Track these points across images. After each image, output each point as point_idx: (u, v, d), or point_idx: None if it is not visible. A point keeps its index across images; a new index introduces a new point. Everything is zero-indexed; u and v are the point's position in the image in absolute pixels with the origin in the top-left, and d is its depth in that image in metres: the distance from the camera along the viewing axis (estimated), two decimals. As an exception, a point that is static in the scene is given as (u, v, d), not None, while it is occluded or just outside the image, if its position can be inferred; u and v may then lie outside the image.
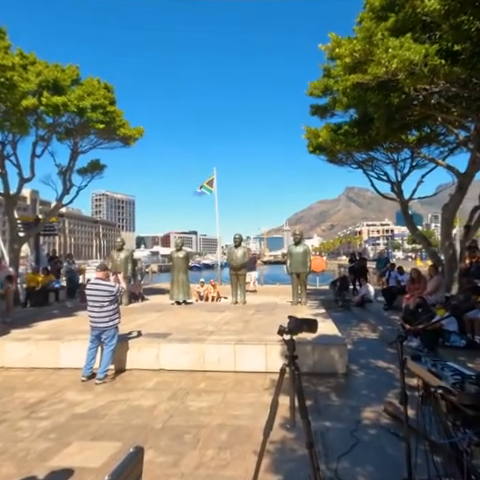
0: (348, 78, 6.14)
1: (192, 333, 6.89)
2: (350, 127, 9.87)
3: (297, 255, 10.18)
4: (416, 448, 2.47)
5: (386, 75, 5.04)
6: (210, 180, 20.51)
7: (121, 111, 11.77)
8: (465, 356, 5.77)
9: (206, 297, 13.80)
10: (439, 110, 7.93)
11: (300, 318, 2.12)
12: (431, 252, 11.37)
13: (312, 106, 10.66)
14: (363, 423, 4.05)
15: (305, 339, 6.19)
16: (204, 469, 3.15)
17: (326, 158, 12.03)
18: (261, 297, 13.31)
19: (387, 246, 73.26)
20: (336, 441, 3.66)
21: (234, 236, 10.83)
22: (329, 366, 5.79)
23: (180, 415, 4.31)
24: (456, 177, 9.89)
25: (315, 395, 4.93)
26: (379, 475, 3.03)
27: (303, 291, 10.35)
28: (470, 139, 9.63)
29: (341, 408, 4.50)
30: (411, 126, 9.46)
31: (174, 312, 9.57)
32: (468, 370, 2.17)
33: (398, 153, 11.71)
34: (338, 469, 3.13)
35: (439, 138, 11.17)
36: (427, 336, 6.40)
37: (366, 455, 3.37)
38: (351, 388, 5.22)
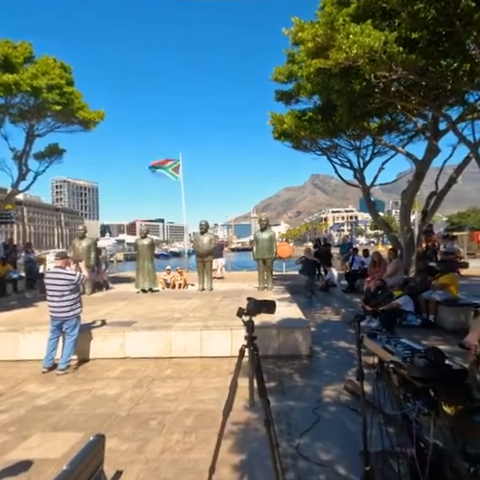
0: (311, 64, 6.16)
1: (158, 321, 6.83)
2: (314, 114, 9.96)
3: (263, 241, 10.27)
4: (371, 421, 2.59)
5: (347, 61, 5.10)
6: (176, 166, 20.14)
7: (80, 93, 11.22)
8: (420, 334, 6.10)
9: (173, 285, 13.71)
10: (399, 98, 8.15)
11: (259, 300, 2.14)
12: (391, 237, 11.81)
13: (277, 92, 10.65)
14: (325, 401, 4.20)
15: (270, 323, 6.32)
16: (169, 453, 3.17)
17: (291, 144, 12.11)
18: (228, 284, 13.37)
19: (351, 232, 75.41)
20: (299, 419, 3.77)
21: (200, 223, 10.75)
22: (293, 348, 5.93)
23: (145, 402, 4.29)
24: (414, 164, 10.27)
25: (280, 377, 5.05)
26: (338, 449, 3.16)
27: (269, 277, 10.48)
28: (427, 127, 9.99)
29: (304, 388, 4.64)
30: (373, 114, 9.67)
31: (140, 300, 9.44)
32: (418, 345, 2.28)
33: (360, 140, 11.97)
34: (300, 445, 3.24)
35: (399, 126, 11.50)
36: (386, 316, 6.69)
37: (326, 431, 3.50)
38: (314, 369, 5.38)
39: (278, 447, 2.20)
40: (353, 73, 6.30)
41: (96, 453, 2.39)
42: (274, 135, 11.39)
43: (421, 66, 5.58)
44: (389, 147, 11.18)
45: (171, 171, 20.10)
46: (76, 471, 2.01)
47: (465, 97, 9.43)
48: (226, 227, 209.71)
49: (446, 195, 10.56)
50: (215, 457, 2.19)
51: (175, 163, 20.19)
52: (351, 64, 5.23)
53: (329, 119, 9.42)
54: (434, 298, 6.47)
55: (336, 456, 3.06)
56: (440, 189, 10.50)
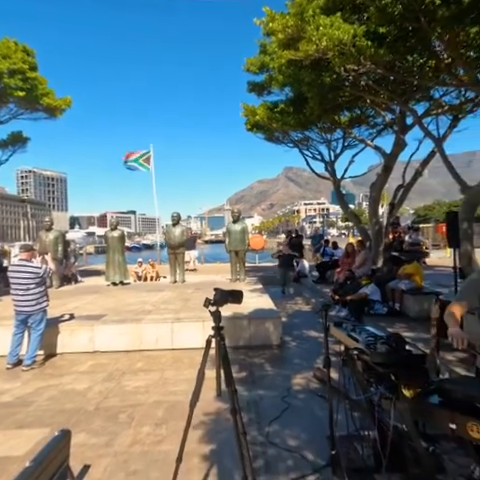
0: (282, 55, 6.16)
1: (129, 314, 6.73)
2: (286, 106, 10.00)
3: (235, 233, 10.28)
4: (338, 407, 2.68)
5: (317, 53, 5.14)
6: (147, 157, 19.77)
7: (44, 79, 10.76)
8: (386, 322, 6.31)
9: (145, 277, 13.52)
10: (368, 92, 8.30)
11: (225, 290, 2.14)
12: (360, 229, 12.12)
13: (249, 83, 10.62)
14: (294, 389, 4.29)
15: (242, 314, 6.37)
16: (139, 446, 3.15)
17: (263, 136, 12.14)
18: (201, 276, 13.33)
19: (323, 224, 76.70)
20: (269, 408, 3.84)
21: (172, 214, 10.63)
22: (264, 339, 6.00)
23: (115, 396, 4.24)
24: (382, 157, 10.53)
25: (250, 367, 5.11)
26: (306, 435, 3.24)
27: (241, 268, 10.53)
28: (395, 121, 10.25)
29: (274, 377, 4.72)
30: (343, 107, 9.82)
31: (110, 293, 9.26)
32: (382, 332, 2.36)
33: (331, 133, 12.14)
34: (269, 433, 3.30)
35: (368, 120, 11.74)
36: (354, 306, 6.88)
37: (295, 418, 3.58)
38: (284, 358, 5.48)
39: (245, 435, 2.22)
40: (323, 66, 6.35)
41: (61, 448, 2.34)
42: (247, 127, 11.37)
43: (389, 61, 5.70)
44: (359, 140, 11.40)
45: (142, 162, 19.73)
46: (40, 467, 1.96)
47: (431, 93, 9.73)
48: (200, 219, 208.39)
49: (413, 188, 10.92)
50: (182, 447, 2.20)
51: (146, 154, 19.81)
52: (321, 56, 5.27)
53: (300, 111, 9.48)
54: (400, 287, 6.71)
55: (304, 442, 3.14)
56: (407, 182, 10.84)
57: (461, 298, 2.34)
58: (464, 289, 2.41)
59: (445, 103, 9.85)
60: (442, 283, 8.61)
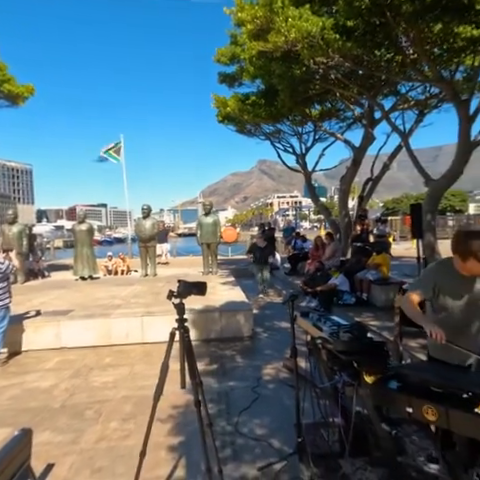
0: (252, 46, 6.11)
1: (98, 308, 6.59)
2: (257, 98, 9.99)
3: (207, 226, 10.24)
4: (304, 395, 2.72)
5: (286, 45, 5.14)
6: (117, 148, 19.28)
7: (5, 64, 10.24)
8: (354, 311, 6.47)
9: (115, 271, 13.28)
10: (338, 86, 8.40)
11: (189, 282, 2.12)
12: (331, 221, 12.34)
13: (220, 74, 10.51)
14: (264, 379, 4.33)
15: (213, 306, 6.37)
16: (105, 442, 3.10)
17: (235, 128, 12.09)
18: (173, 269, 13.20)
19: (295, 217, 77.60)
20: (239, 399, 3.86)
21: (142, 207, 10.46)
22: (236, 331, 6.03)
23: (82, 392, 4.14)
24: (352, 151, 10.73)
25: (221, 359, 5.12)
26: (275, 424, 3.28)
27: (214, 261, 10.51)
28: (364, 115, 10.45)
29: (245, 368, 4.75)
30: (314, 100, 9.90)
31: (78, 288, 9.03)
32: (345, 321, 2.41)
33: (302, 126, 12.24)
34: (238, 423, 3.33)
35: (339, 113, 11.92)
36: (323, 296, 7.01)
37: (265, 408, 3.62)
38: (255, 349, 5.52)
39: (211, 426, 2.22)
40: (293, 58, 6.36)
41: (22, 448, 2.26)
42: (218, 118, 11.28)
43: (357, 55, 5.77)
44: (329, 133, 11.56)
45: (112, 153, 19.23)
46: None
47: (398, 88, 9.98)
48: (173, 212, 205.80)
49: (382, 182, 11.20)
50: (145, 441, 2.18)
51: (116, 145, 19.32)
52: (290, 48, 5.28)
53: (272, 104, 9.50)
54: (367, 278, 6.89)
55: (272, 430, 3.18)
56: (375, 175, 11.11)
57: (416, 287, 2.41)
58: (421, 278, 2.49)
59: (411, 98, 10.13)
60: (408, 273, 8.90)
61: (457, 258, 2.22)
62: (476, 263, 2.12)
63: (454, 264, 2.26)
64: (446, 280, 2.30)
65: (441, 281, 2.32)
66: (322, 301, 7.08)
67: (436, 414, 1.51)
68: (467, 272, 2.21)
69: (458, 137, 6.30)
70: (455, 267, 2.26)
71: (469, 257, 2.12)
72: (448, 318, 2.33)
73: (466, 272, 2.22)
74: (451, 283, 2.29)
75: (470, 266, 2.16)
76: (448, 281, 2.30)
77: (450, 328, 2.31)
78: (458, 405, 1.46)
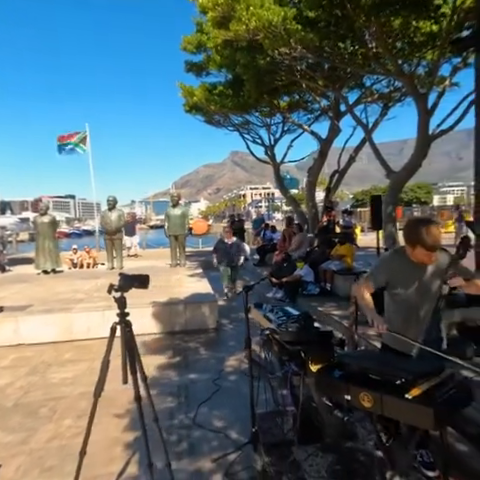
0: (216, 34, 6.01)
1: (58, 303, 6.38)
2: (225, 88, 9.88)
3: (175, 217, 10.12)
4: (258, 385, 2.74)
5: (247, 34, 5.08)
6: (83, 137, 18.63)
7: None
8: (318, 302, 6.58)
9: (81, 264, 12.91)
10: (303, 77, 8.42)
11: (131, 275, 2.07)
12: (299, 212, 12.47)
13: (187, 62, 10.30)
14: (226, 371, 4.34)
15: (177, 299, 6.31)
16: (58, 440, 3.01)
17: (203, 119, 11.93)
18: (141, 262, 12.99)
19: (268, 208, 78.01)
20: (199, 391, 3.85)
21: (107, 199, 10.20)
22: (200, 323, 6.00)
23: (38, 389, 4.01)
24: (318, 142, 10.84)
25: (185, 351, 5.09)
26: (233, 415, 3.29)
27: (182, 253, 10.42)
28: (330, 107, 10.56)
29: (208, 360, 4.74)
30: (280, 91, 9.89)
31: (40, 282, 8.72)
32: (296, 311, 2.43)
33: (271, 117, 12.24)
34: (197, 416, 3.32)
35: (307, 105, 11.98)
36: (289, 287, 7.10)
37: (225, 399, 3.63)
38: (220, 341, 5.53)
39: (158, 421, 2.19)
40: (257, 48, 6.30)
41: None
42: (185, 108, 11.09)
43: (319, 46, 5.78)
44: (296, 125, 11.61)
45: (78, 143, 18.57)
46: None
47: (363, 81, 10.12)
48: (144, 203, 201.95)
49: (353, 174, 11.43)
50: (86, 440, 2.12)
51: (82, 134, 18.65)
52: (252, 37, 5.22)
53: (239, 94, 9.42)
54: (331, 268, 7.01)
55: (230, 422, 3.20)
56: (341, 167, 11.29)
57: (369, 278, 2.45)
58: (374, 269, 2.54)
59: (376, 91, 10.31)
60: (372, 263, 9.12)
61: (408, 246, 2.28)
62: (423, 251, 2.18)
63: (406, 253, 2.32)
64: (399, 269, 2.35)
65: (394, 270, 2.37)
66: (287, 292, 7.16)
67: (371, 401, 1.54)
68: (417, 260, 2.27)
69: (417, 130, 6.47)
70: (407, 256, 2.31)
71: (417, 245, 2.18)
72: (402, 306, 2.39)
73: (416, 260, 2.28)
74: (404, 272, 2.34)
75: (418, 254, 2.22)
76: (401, 270, 2.35)
77: (404, 315, 2.38)
78: (391, 391, 1.50)
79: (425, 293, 2.33)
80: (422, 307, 2.34)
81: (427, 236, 2.10)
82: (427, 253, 2.17)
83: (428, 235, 2.10)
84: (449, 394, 1.51)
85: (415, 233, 2.18)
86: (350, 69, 8.01)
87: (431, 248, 2.13)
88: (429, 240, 2.10)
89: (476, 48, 4.51)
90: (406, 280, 2.35)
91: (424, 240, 2.12)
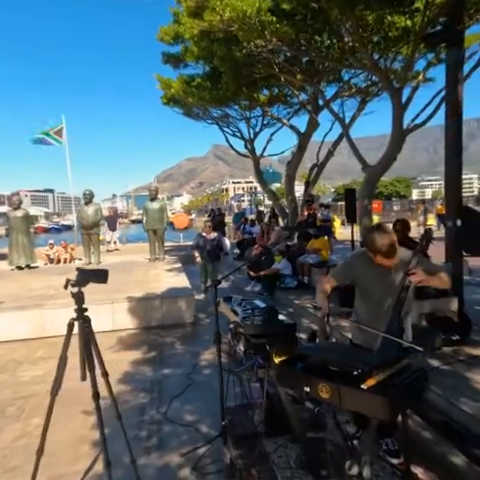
0: (192, 24, 5.91)
1: (31, 299, 6.23)
2: (203, 80, 9.76)
3: (153, 212, 10.02)
4: (228, 379, 2.74)
5: (221, 24, 5.01)
6: (59, 129, 18.14)
7: None
8: (295, 294, 6.63)
9: (57, 260, 12.66)
10: (282, 71, 8.39)
11: (88, 269, 2.03)
12: (278, 206, 12.51)
13: (164, 54, 10.12)
14: (200, 365, 4.33)
15: (154, 294, 6.25)
16: (25, 439, 2.95)
17: (181, 111, 11.79)
18: (120, 256, 12.83)
19: (250, 202, 78.07)
20: (172, 386, 3.83)
21: (84, 192, 10.00)
22: (177, 317, 5.97)
23: (6, 388, 3.92)
24: (297, 136, 10.86)
25: (161, 346, 5.06)
26: (205, 409, 3.28)
27: (161, 247, 10.35)
28: (309, 102, 10.58)
29: (183, 355, 4.73)
30: (259, 84, 9.84)
31: (14, 278, 8.51)
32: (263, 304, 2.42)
33: (250, 111, 12.19)
34: (168, 411, 3.30)
35: (286, 99, 11.96)
36: (267, 281, 7.12)
37: (197, 393, 3.62)
38: (196, 335, 5.51)
39: (121, 418, 2.16)
40: (234, 40, 6.24)
41: None
42: (163, 100, 10.93)
43: (295, 39, 5.75)
44: (275, 119, 11.59)
45: (53, 134, 18.06)
46: None
47: (341, 75, 10.16)
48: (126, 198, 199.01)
49: (335, 168, 11.69)
50: (42, 439, 2.08)
51: (57, 126, 18.14)
52: (226, 28, 5.16)
53: (217, 87, 9.32)
54: (308, 261, 7.07)
55: (202, 415, 3.19)
56: (320, 161, 11.36)
57: (336, 274, 2.49)
58: (342, 267, 2.58)
59: (354, 86, 10.37)
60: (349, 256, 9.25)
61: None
62: (383, 259, 2.23)
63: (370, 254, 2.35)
64: (365, 269, 2.40)
65: (361, 270, 2.42)
66: (265, 285, 7.19)
67: (329, 392, 1.55)
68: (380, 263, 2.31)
69: (392, 125, 6.54)
70: (371, 257, 2.35)
71: (376, 253, 2.23)
72: (368, 305, 2.45)
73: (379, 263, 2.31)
74: (369, 272, 2.39)
75: (379, 260, 2.26)
76: (367, 270, 2.40)
77: (369, 314, 2.42)
78: (348, 382, 1.51)
79: (389, 288, 2.36)
80: (386, 301, 2.37)
81: (381, 245, 2.17)
82: (386, 260, 2.23)
83: (382, 244, 2.16)
84: (404, 383, 1.53)
85: (371, 243, 2.24)
86: (327, 63, 8.03)
87: (387, 255, 2.20)
88: (384, 248, 2.16)
89: (447, 44, 4.58)
90: (372, 281, 2.40)
91: (379, 249, 2.18)
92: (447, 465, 2.38)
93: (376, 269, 2.34)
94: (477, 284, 6.72)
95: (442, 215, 6.03)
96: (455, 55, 4.42)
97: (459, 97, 4.55)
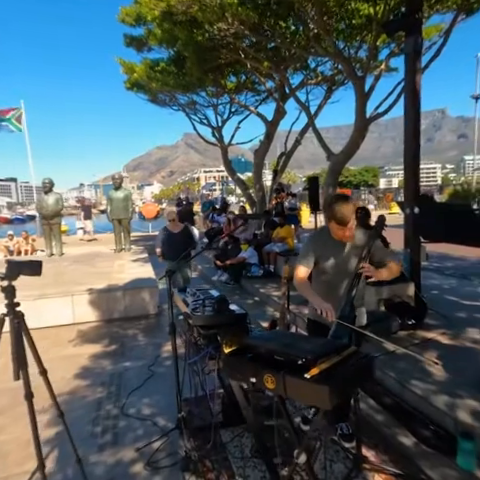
0: (150, 5, 5.67)
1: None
2: (167, 65, 9.46)
3: (117, 201, 9.73)
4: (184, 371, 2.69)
5: (180, 5, 4.83)
6: (19, 115, 17.24)
7: None
8: (261, 283, 6.64)
9: (18, 251, 12.13)
10: (247, 57, 8.24)
11: (18, 261, 1.90)
12: (247, 195, 12.44)
13: (126, 36, 9.70)
14: (162, 357, 4.26)
15: (116, 285, 6.09)
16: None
17: (147, 97, 11.42)
18: (85, 247, 12.42)
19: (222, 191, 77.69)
20: (132, 379, 3.75)
21: (43, 181, 9.55)
22: (141, 309, 5.85)
23: None
24: (265, 125, 10.78)
25: (122, 339, 4.95)
26: (164, 401, 3.23)
27: (126, 238, 10.09)
28: (276, 89, 10.49)
29: (145, 347, 4.64)
30: (225, 70, 9.65)
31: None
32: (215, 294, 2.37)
33: (218, 98, 11.96)
34: (126, 405, 3.22)
35: (253, 86, 11.81)
36: (233, 270, 7.09)
37: (157, 385, 3.55)
38: (160, 326, 5.42)
39: (63, 416, 2.07)
40: (196, 23, 6.05)
41: None
42: (126, 85, 10.55)
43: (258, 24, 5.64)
44: (242, 106, 11.44)
45: (14, 122, 17.17)
46: None
47: (308, 63, 10.10)
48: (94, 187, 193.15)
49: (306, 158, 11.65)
50: None
51: (17, 112, 17.24)
52: (185, 9, 4.97)
53: (182, 72, 9.07)
54: (274, 250, 7.08)
55: (160, 408, 3.13)
56: (288, 150, 11.34)
57: (301, 261, 2.47)
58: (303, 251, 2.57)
59: (320, 74, 10.36)
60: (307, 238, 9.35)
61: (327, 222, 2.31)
62: (336, 226, 2.23)
63: (329, 231, 2.35)
64: (322, 246, 2.41)
65: (319, 248, 2.42)
66: (232, 274, 7.16)
67: (274, 382, 1.52)
68: (335, 236, 2.32)
69: (355, 113, 6.57)
70: (330, 234, 2.35)
71: (330, 219, 2.23)
72: (325, 281, 2.45)
73: (335, 236, 2.32)
74: (326, 249, 2.40)
75: (333, 228, 2.27)
76: (324, 247, 2.41)
77: (326, 290, 2.42)
78: (292, 372, 1.48)
79: (343, 270, 2.38)
80: (340, 284, 2.38)
81: (337, 211, 2.18)
82: (339, 227, 2.24)
83: (338, 210, 2.17)
84: (348, 372, 1.53)
85: (328, 209, 2.24)
86: (293, 50, 7.95)
87: (340, 222, 2.19)
88: (338, 215, 2.17)
89: (405, 32, 4.60)
90: (328, 257, 2.41)
91: (334, 215, 2.18)
92: (397, 447, 2.44)
93: (332, 244, 2.36)
94: (434, 269, 6.97)
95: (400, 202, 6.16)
96: (413, 43, 4.45)
97: (417, 86, 4.61)
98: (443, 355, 3.31)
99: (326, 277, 2.44)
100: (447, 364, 3.11)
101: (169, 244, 5.85)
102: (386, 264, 2.33)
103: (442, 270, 7.02)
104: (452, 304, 4.94)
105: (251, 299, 6.35)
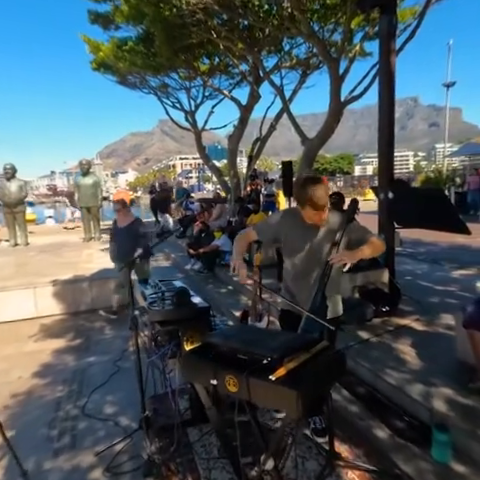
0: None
1: None
2: (135, 44, 9.00)
3: (86, 188, 9.33)
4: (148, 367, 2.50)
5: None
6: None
7: None
8: (235, 271, 6.47)
9: (-20, 242, 11.49)
10: (220, 37, 7.91)
11: None
12: (222, 182, 12.21)
13: (90, 12, 9.14)
14: (130, 351, 4.04)
15: (83, 276, 5.80)
16: None
17: (115, 79, 10.90)
18: (53, 236, 11.90)
19: (199, 179, 76.83)
20: (96, 375, 3.54)
21: (4, 167, 9.04)
22: (108, 300, 5.56)
23: None
24: (239, 109, 10.50)
25: (88, 332, 4.72)
26: (128, 399, 3.03)
27: (96, 226, 9.73)
28: (250, 72, 10.21)
29: (112, 340, 4.42)
30: (196, 51, 9.28)
31: None
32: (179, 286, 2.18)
33: (191, 81, 11.56)
34: (87, 404, 3.01)
35: (227, 69, 11.46)
36: (206, 258, 6.90)
37: (122, 382, 3.35)
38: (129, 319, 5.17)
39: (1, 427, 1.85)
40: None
41: None
42: (92, 66, 10.00)
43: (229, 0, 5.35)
44: (215, 89, 11.12)
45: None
46: None
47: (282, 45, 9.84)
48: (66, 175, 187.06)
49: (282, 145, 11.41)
50: None
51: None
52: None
53: (151, 51, 8.65)
54: (248, 237, 6.92)
55: (123, 407, 2.95)
56: (263, 135, 11.13)
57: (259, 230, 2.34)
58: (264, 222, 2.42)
59: (295, 57, 10.12)
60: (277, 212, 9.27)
61: (298, 206, 2.14)
62: (311, 210, 2.05)
63: (300, 214, 2.17)
64: (291, 229, 2.25)
65: (286, 230, 2.26)
66: (205, 263, 6.98)
67: (237, 384, 1.36)
68: (309, 220, 2.14)
69: (330, 96, 6.43)
70: (300, 216, 2.18)
71: (305, 204, 2.05)
72: (293, 265, 2.31)
73: (308, 220, 2.15)
74: (295, 232, 2.24)
75: (307, 213, 2.09)
76: (293, 230, 2.24)
77: (293, 274, 2.28)
78: (257, 373, 1.32)
79: (316, 257, 2.22)
80: (312, 273, 2.23)
81: (312, 195, 1.99)
82: (315, 212, 2.06)
83: (313, 193, 1.99)
84: (318, 370, 1.38)
85: (303, 193, 2.05)
86: (267, 30, 7.69)
87: (318, 207, 2.02)
88: (314, 198, 1.99)
89: (380, 10, 4.43)
90: (297, 241, 2.25)
91: (309, 199, 2.00)
92: (371, 440, 2.35)
93: (304, 228, 2.19)
94: (408, 255, 6.99)
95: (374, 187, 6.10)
96: (387, 23, 4.30)
97: (392, 68, 4.47)
98: (417, 342, 3.25)
99: (297, 264, 2.29)
100: (421, 352, 3.05)
101: (115, 241, 4.99)
102: (366, 241, 2.17)
103: (415, 255, 7.06)
104: (425, 289, 4.94)
105: (225, 288, 6.20)
